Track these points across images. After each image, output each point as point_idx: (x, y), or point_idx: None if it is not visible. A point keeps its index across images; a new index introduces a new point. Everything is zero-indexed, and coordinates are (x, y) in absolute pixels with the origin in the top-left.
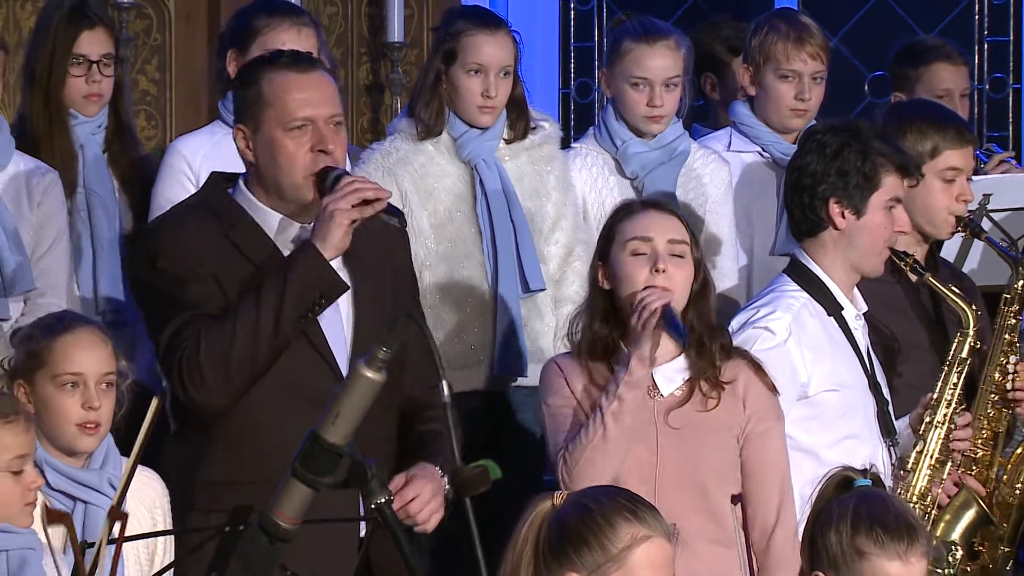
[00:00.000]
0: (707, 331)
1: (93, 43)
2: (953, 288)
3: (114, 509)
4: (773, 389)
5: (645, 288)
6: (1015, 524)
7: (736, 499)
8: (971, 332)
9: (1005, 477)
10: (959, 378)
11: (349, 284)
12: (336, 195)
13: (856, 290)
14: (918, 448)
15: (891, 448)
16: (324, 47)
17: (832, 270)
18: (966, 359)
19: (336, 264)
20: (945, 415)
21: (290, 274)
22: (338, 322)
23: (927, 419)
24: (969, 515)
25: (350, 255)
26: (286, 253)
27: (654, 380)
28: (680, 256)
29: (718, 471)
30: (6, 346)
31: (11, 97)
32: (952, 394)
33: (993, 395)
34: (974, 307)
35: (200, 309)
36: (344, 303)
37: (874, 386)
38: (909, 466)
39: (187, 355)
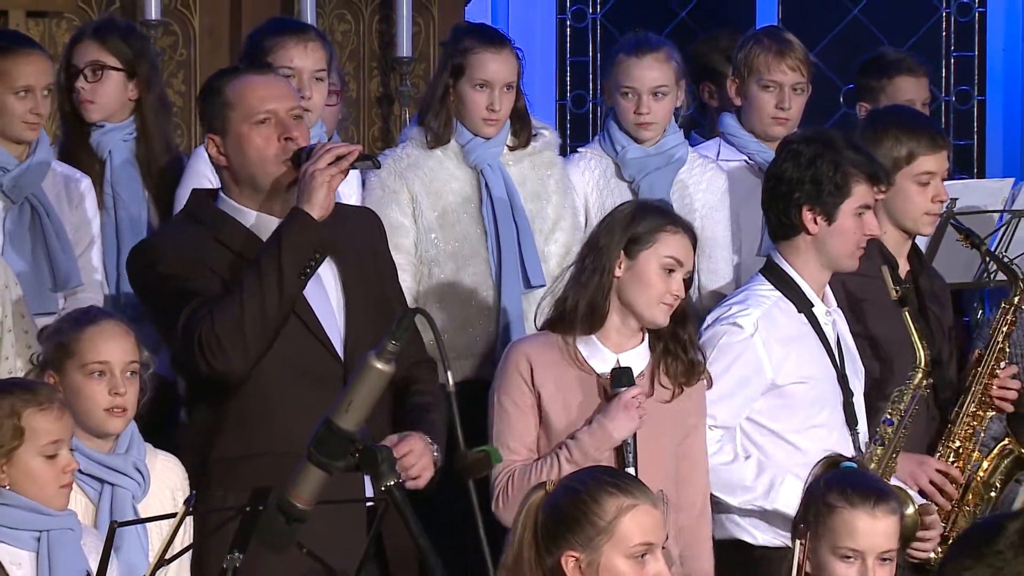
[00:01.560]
0: (689, 340)
1: (80, 53)
2: (920, 331)
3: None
4: (707, 383)
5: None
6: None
7: None
8: (921, 368)
9: (981, 473)
10: (910, 402)
11: (337, 275)
12: (311, 160)
13: (828, 288)
14: (879, 450)
15: (854, 438)
16: (334, 60)
17: (804, 270)
18: (913, 388)
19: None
20: (903, 429)
21: (284, 238)
22: (329, 308)
23: (886, 428)
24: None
25: (336, 248)
26: None
27: (619, 364)
28: (686, 282)
29: (671, 452)
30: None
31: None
32: (908, 417)
33: (980, 396)
34: (929, 353)
35: (205, 296)
36: (333, 291)
37: (841, 378)
38: (867, 455)
39: (203, 332)
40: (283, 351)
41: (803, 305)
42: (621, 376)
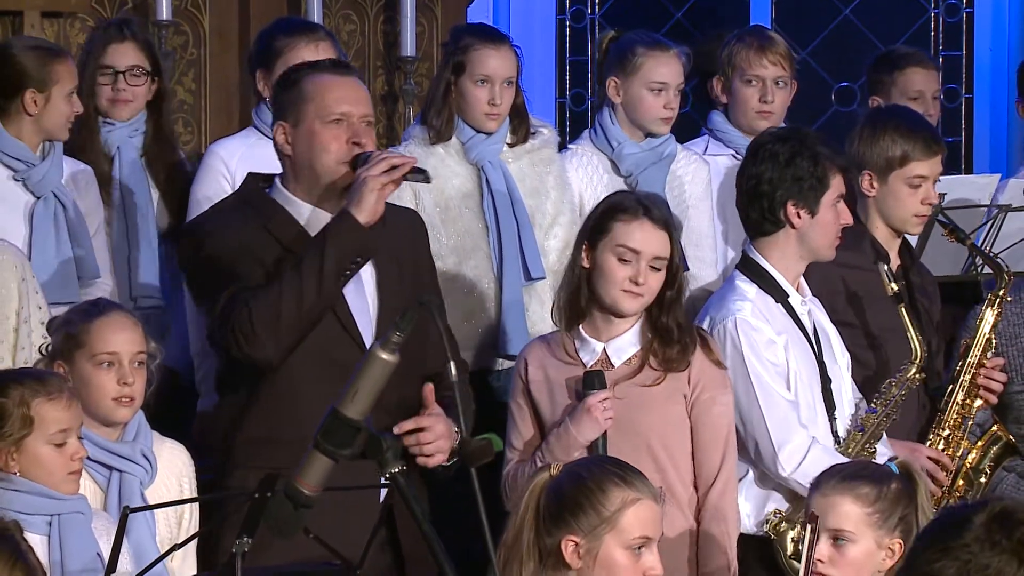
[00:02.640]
0: (676, 327)
1: (120, 55)
2: (919, 326)
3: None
4: (718, 364)
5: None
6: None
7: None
8: (917, 363)
9: (970, 459)
10: (900, 391)
11: (374, 273)
12: (367, 166)
13: (802, 279)
14: (857, 435)
15: (832, 423)
16: (343, 57)
17: (781, 263)
18: (906, 380)
19: None
20: (884, 418)
21: (329, 238)
22: (364, 304)
23: (869, 416)
24: None
25: (378, 248)
26: None
27: (607, 353)
28: (658, 269)
29: (661, 435)
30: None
31: None
32: (892, 407)
33: (967, 385)
34: (926, 348)
35: (247, 283)
36: (370, 287)
37: (820, 365)
38: (847, 440)
39: (239, 317)
40: (315, 342)
41: (779, 296)
42: (592, 379)
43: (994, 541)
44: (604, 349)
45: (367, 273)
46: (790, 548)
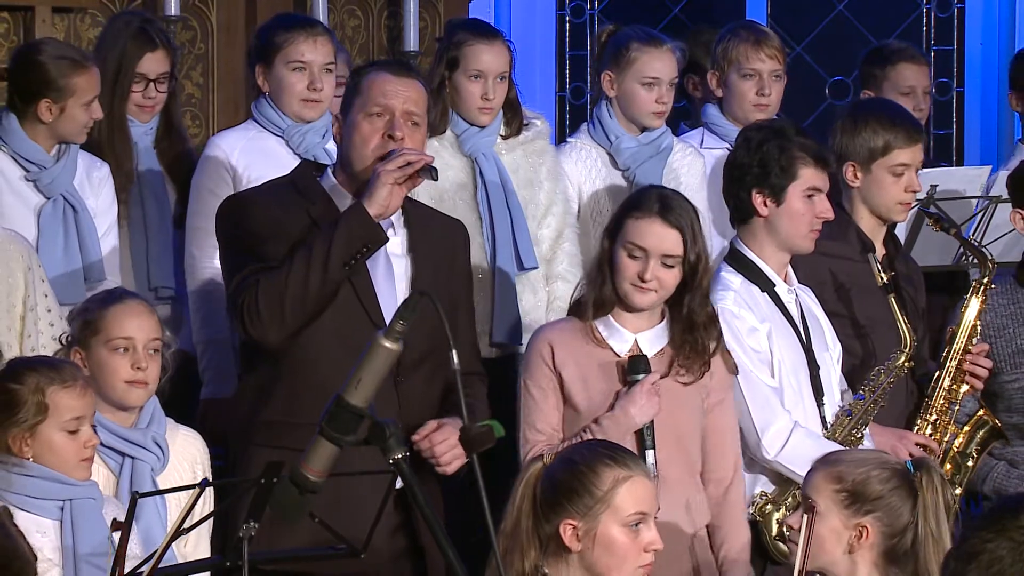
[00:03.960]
0: (702, 320)
1: (153, 64)
2: (906, 314)
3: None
4: (730, 366)
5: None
6: (967, 484)
7: None
8: (906, 352)
9: (957, 444)
10: (888, 378)
11: (409, 273)
12: (385, 161)
13: (789, 267)
14: (845, 420)
15: (820, 409)
16: (341, 52)
17: (763, 252)
18: (894, 368)
19: (400, 252)
20: (872, 404)
21: (338, 227)
22: (393, 298)
23: (857, 402)
24: None
25: (416, 249)
26: None
27: (638, 344)
28: (670, 266)
29: (690, 429)
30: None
31: None
32: (880, 393)
33: (954, 371)
34: (915, 336)
35: (267, 264)
36: (403, 283)
37: (808, 352)
38: (834, 424)
39: (247, 299)
40: (343, 333)
41: (765, 285)
42: (638, 363)
43: None
44: (636, 340)
45: (402, 268)
46: (775, 529)
